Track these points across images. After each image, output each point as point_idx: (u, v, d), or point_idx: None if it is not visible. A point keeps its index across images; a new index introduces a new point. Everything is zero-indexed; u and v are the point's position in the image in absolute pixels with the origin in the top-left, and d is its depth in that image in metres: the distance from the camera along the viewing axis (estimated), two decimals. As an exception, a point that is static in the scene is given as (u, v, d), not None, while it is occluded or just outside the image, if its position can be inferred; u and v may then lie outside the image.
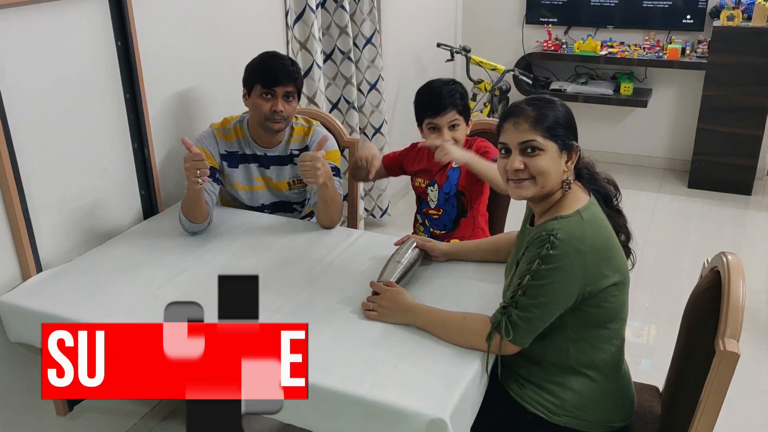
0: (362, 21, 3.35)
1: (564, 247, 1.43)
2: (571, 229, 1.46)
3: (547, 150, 1.50)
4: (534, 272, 1.45)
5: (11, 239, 1.86)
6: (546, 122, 1.51)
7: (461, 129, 2.19)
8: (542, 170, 1.51)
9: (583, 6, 4.62)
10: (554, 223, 1.48)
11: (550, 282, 1.44)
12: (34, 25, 1.84)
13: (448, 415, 1.34)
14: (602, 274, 1.48)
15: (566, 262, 1.44)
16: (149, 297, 1.77)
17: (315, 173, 1.95)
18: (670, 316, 2.04)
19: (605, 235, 1.51)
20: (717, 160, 4.33)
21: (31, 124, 1.87)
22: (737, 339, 1.38)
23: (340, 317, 1.68)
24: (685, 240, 3.81)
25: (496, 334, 1.50)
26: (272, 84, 2.11)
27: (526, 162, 1.51)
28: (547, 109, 1.52)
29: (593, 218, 1.50)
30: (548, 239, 1.44)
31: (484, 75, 4.55)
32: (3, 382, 1.91)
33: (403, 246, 1.86)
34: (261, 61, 2.17)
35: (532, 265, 1.46)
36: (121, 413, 2.34)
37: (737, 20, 4.02)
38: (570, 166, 1.54)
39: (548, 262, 1.44)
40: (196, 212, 2.05)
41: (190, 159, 1.93)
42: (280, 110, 2.13)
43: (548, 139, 1.50)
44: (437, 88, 2.16)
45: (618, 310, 1.56)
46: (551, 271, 1.44)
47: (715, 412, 1.40)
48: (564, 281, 1.44)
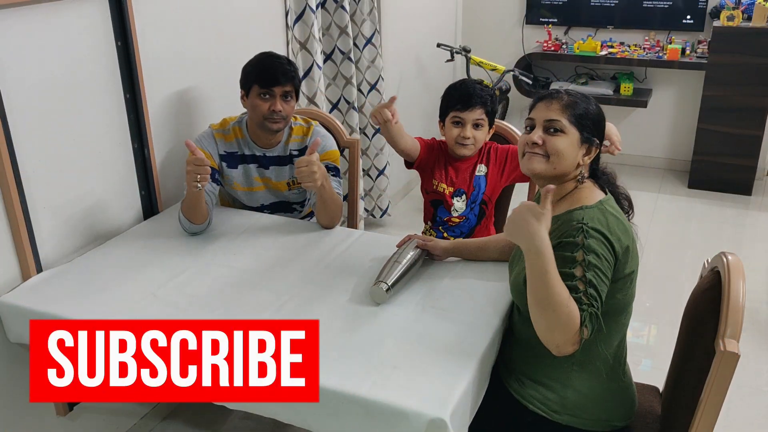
0: (362, 21, 3.35)
1: (596, 233, 1.45)
2: (598, 217, 1.48)
3: (568, 134, 1.54)
4: (586, 264, 1.42)
5: (11, 239, 1.86)
6: (576, 110, 1.55)
7: (483, 131, 2.21)
8: (558, 151, 1.53)
9: (583, 6, 4.62)
10: (581, 213, 1.49)
11: (600, 265, 1.43)
12: (34, 25, 1.84)
13: (448, 414, 1.34)
14: (623, 262, 1.49)
15: (603, 246, 1.45)
16: (149, 297, 1.78)
17: (312, 177, 1.95)
18: (671, 316, 2.04)
19: (626, 226, 1.53)
20: (717, 160, 4.33)
21: (32, 124, 1.87)
22: (737, 339, 1.38)
23: (340, 317, 1.68)
24: (685, 240, 3.81)
25: (582, 329, 1.40)
26: (270, 84, 2.11)
27: (545, 139, 1.55)
28: (581, 101, 1.57)
29: (615, 211, 1.53)
30: (581, 229, 1.45)
31: (484, 75, 4.55)
32: (3, 382, 1.91)
33: (404, 246, 1.86)
34: (258, 62, 2.17)
35: (578, 255, 1.42)
36: (121, 413, 2.34)
37: (737, 20, 4.03)
38: (586, 160, 1.57)
39: (590, 249, 1.43)
40: (195, 213, 2.05)
41: (192, 162, 1.93)
42: (279, 110, 2.13)
43: (573, 126, 1.54)
44: (470, 85, 2.21)
45: (628, 303, 1.57)
46: (596, 257, 1.43)
47: (715, 412, 1.40)
48: (606, 260, 1.45)
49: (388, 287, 1.71)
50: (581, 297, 1.40)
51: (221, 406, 1.53)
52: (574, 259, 1.43)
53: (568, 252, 1.45)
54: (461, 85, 2.22)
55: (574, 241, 1.45)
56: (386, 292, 1.70)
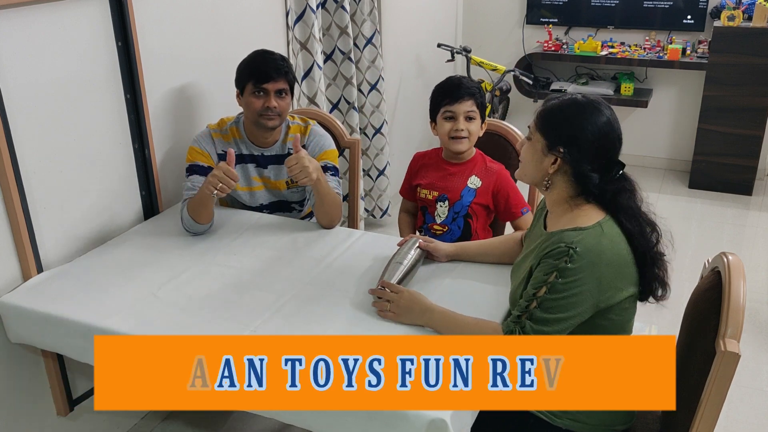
0: (363, 21, 3.35)
1: (581, 261, 1.42)
2: (590, 243, 1.45)
3: (534, 140, 1.55)
4: (551, 285, 1.44)
5: (12, 240, 1.86)
6: (548, 119, 1.54)
7: (476, 123, 2.19)
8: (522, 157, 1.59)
9: (583, 6, 4.62)
10: (573, 234, 1.46)
11: (566, 296, 1.43)
12: (34, 25, 1.84)
13: (449, 415, 1.34)
14: (617, 288, 1.48)
15: (583, 277, 1.43)
16: (150, 297, 1.78)
17: (306, 171, 1.95)
18: (671, 317, 2.03)
19: (622, 248, 1.49)
20: (718, 160, 4.33)
21: (32, 124, 1.87)
22: (738, 339, 1.38)
23: (340, 317, 1.68)
24: (686, 240, 3.81)
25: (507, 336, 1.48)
26: (263, 80, 2.11)
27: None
28: (558, 111, 1.54)
29: (612, 232, 1.49)
30: (567, 252, 1.43)
31: (484, 75, 4.55)
32: (3, 382, 1.90)
33: (405, 246, 1.85)
34: (251, 60, 2.18)
35: (549, 277, 1.44)
36: (121, 413, 2.34)
37: (738, 20, 4.02)
38: (554, 168, 1.52)
39: (566, 276, 1.43)
40: (202, 213, 2.05)
41: (223, 172, 1.92)
42: (273, 106, 2.13)
43: (538, 131, 1.55)
44: (457, 78, 2.20)
45: (626, 323, 1.57)
46: (568, 285, 1.43)
47: (715, 412, 1.40)
48: (580, 296, 1.44)
49: None
50: (521, 318, 1.47)
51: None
52: (545, 281, 1.45)
53: (542, 273, 1.47)
54: (447, 80, 2.21)
55: (555, 263, 1.44)
56: None
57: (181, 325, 1.66)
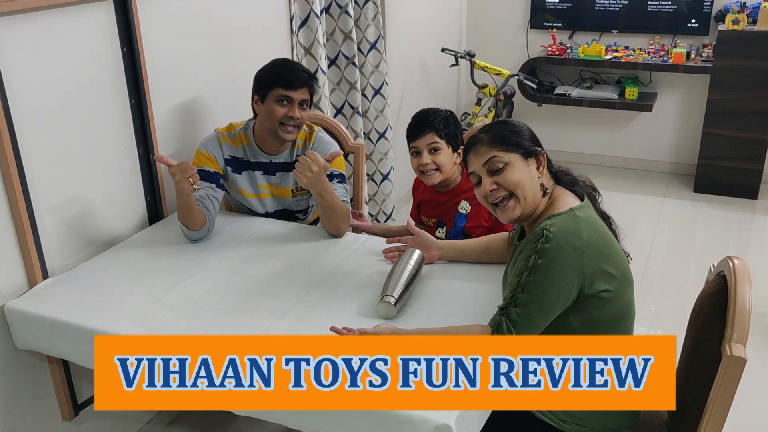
0: (366, 26, 3.36)
1: (558, 240, 1.43)
2: (565, 224, 1.46)
3: (511, 162, 1.53)
4: (531, 268, 1.44)
5: (18, 246, 1.87)
6: (500, 137, 1.55)
7: (443, 153, 2.14)
8: (514, 182, 1.53)
9: (587, 10, 4.62)
10: (547, 220, 1.48)
11: (548, 276, 1.43)
12: (40, 31, 1.84)
13: (454, 420, 1.34)
14: (602, 270, 1.47)
15: (562, 255, 1.43)
16: (155, 303, 1.78)
17: (306, 173, 1.94)
18: (677, 321, 2.03)
19: (602, 231, 1.51)
20: (723, 164, 4.32)
21: (38, 131, 1.88)
22: (744, 344, 1.37)
23: (345, 322, 1.68)
24: (691, 244, 3.80)
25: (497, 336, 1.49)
26: (293, 87, 2.10)
27: (496, 180, 1.54)
28: (498, 128, 1.57)
29: (588, 216, 1.51)
30: (542, 234, 1.44)
31: (488, 80, 4.55)
32: (9, 387, 1.91)
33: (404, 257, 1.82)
34: (279, 67, 2.15)
35: (529, 261, 1.45)
36: (126, 418, 2.34)
37: (742, 24, 4.02)
38: (543, 171, 1.56)
39: (544, 256, 1.43)
40: (189, 219, 2.04)
41: (177, 171, 1.90)
42: (296, 117, 2.12)
43: (509, 152, 1.53)
44: (422, 114, 2.17)
45: (625, 310, 1.56)
46: (548, 265, 1.43)
47: (722, 417, 1.39)
48: (562, 275, 1.43)
49: (396, 300, 1.68)
50: (507, 308, 1.46)
51: (227, 411, 1.53)
52: (525, 265, 1.45)
53: (522, 259, 1.48)
54: (414, 116, 2.19)
55: (533, 247, 1.45)
56: (394, 306, 1.67)
57: (187, 330, 1.66)
